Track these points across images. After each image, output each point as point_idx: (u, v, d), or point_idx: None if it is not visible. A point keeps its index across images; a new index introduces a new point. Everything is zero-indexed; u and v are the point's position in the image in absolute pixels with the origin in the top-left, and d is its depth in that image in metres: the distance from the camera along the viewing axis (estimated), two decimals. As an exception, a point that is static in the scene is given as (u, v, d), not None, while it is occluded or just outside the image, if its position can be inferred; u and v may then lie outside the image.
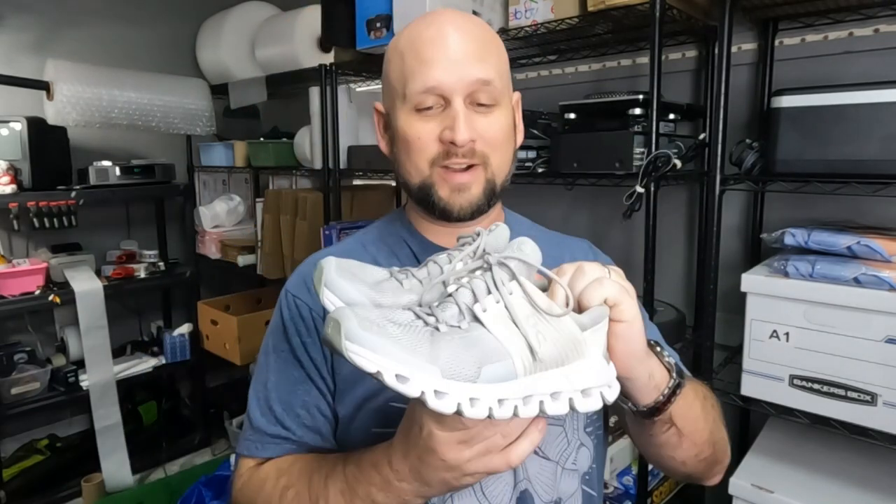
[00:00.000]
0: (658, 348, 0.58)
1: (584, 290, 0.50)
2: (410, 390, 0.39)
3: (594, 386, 0.46)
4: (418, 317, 0.45)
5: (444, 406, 0.40)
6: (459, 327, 0.44)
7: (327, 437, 0.70)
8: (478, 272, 0.47)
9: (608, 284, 0.50)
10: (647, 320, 0.78)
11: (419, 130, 0.67)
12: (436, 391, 0.40)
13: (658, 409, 0.57)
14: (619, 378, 0.51)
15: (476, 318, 0.45)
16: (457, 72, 0.65)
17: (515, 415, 0.43)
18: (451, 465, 0.48)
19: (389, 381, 0.39)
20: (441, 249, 0.72)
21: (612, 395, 0.47)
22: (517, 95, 0.75)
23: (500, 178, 0.70)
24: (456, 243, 0.57)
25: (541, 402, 0.44)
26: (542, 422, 0.49)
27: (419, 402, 0.40)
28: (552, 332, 0.45)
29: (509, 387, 0.43)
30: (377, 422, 0.67)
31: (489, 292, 0.46)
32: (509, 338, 0.44)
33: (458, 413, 0.41)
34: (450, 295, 0.46)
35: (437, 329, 0.44)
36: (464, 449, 0.47)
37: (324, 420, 0.70)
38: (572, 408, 0.45)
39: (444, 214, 0.69)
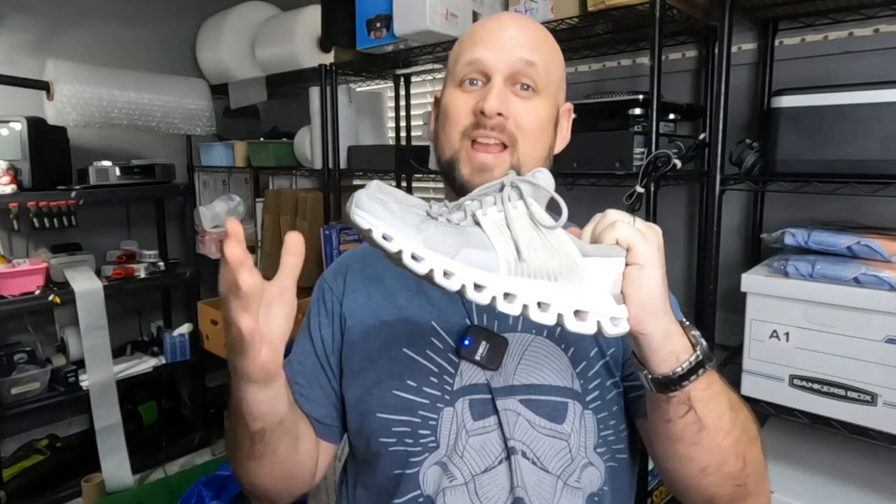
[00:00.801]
0: (685, 322, 0.56)
1: (601, 231, 0.52)
2: (390, 247, 0.46)
3: (590, 311, 0.48)
4: (428, 214, 0.49)
5: (419, 268, 0.46)
6: (458, 224, 0.49)
7: (321, 407, 0.75)
8: (492, 191, 0.51)
9: (622, 227, 0.51)
10: (674, 305, 0.73)
11: (458, 102, 0.69)
12: (413, 254, 0.46)
13: (675, 381, 0.52)
14: (632, 334, 0.52)
15: (476, 222, 0.49)
16: (503, 51, 0.67)
17: (493, 305, 0.47)
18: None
19: (377, 237, 0.46)
20: None
21: (612, 328, 0.49)
22: (569, 105, 0.78)
23: (528, 169, 0.66)
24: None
25: (525, 306, 0.47)
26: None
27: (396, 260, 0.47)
28: (548, 248, 0.49)
29: (488, 276, 0.47)
30: (382, 407, 0.69)
31: (495, 204, 0.50)
32: (499, 238, 0.48)
33: (430, 279, 0.46)
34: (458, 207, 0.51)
35: (436, 219, 0.49)
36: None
37: (322, 393, 0.75)
38: (560, 324, 0.48)
39: (463, 191, 0.67)
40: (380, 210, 0.46)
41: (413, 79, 2.10)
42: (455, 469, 0.66)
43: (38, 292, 1.95)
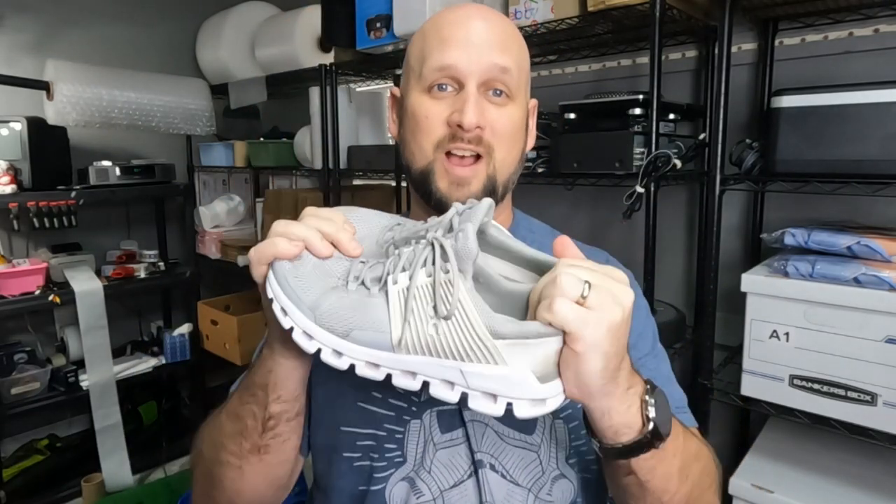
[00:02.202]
0: (647, 397, 0.49)
1: (538, 305, 0.44)
2: (284, 323, 0.49)
3: (504, 395, 0.44)
4: (351, 272, 0.50)
5: (308, 346, 0.48)
6: (368, 290, 0.49)
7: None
8: (423, 242, 0.49)
9: (560, 307, 0.42)
10: (661, 356, 0.73)
11: (428, 110, 0.65)
12: (305, 332, 0.48)
13: (613, 453, 0.50)
14: (575, 401, 0.47)
15: (386, 287, 0.48)
16: (475, 55, 0.64)
17: (389, 381, 0.47)
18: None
19: (277, 313, 0.49)
20: None
21: (530, 409, 0.44)
22: (534, 101, 0.75)
23: (503, 176, 0.68)
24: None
25: (427, 383, 0.46)
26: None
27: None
28: (452, 328, 0.45)
29: (381, 355, 0.47)
30: (346, 420, 0.67)
31: (407, 269, 0.48)
32: (398, 316, 0.47)
33: (320, 357, 0.48)
34: (394, 252, 0.51)
35: (346, 285, 0.49)
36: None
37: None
38: (464, 402, 0.45)
39: (439, 207, 0.66)
40: (284, 281, 0.49)
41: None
42: (423, 484, 0.63)
43: (38, 292, 1.95)
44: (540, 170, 1.46)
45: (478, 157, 0.65)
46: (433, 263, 0.47)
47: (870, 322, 0.95)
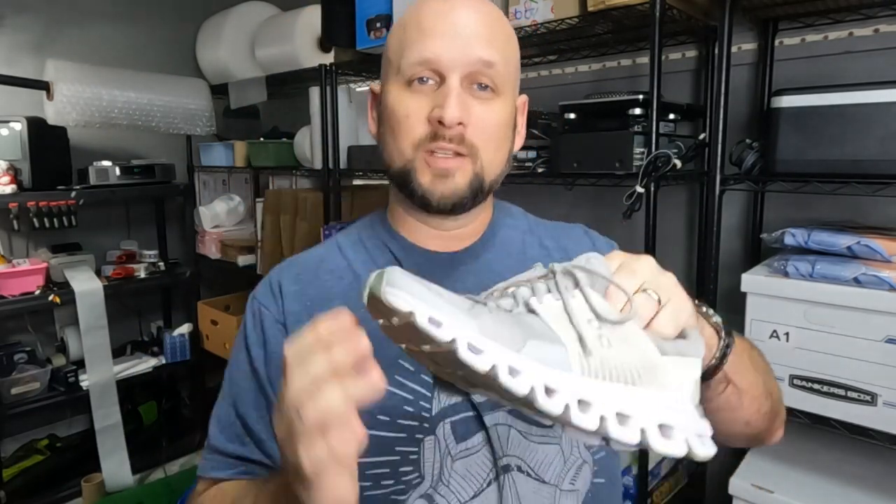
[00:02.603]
0: (703, 308, 0.52)
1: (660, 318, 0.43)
2: (440, 335, 0.35)
3: (677, 427, 0.38)
4: (471, 299, 0.40)
5: (478, 362, 0.35)
6: (509, 311, 0.40)
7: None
8: (541, 279, 0.43)
9: (641, 267, 0.43)
10: None
11: (408, 107, 0.61)
12: (470, 344, 0.35)
13: (712, 371, 0.51)
14: None
15: (530, 310, 0.40)
16: (458, 48, 0.59)
17: (566, 416, 0.36)
18: (285, 415, 0.39)
19: (421, 322, 0.35)
20: (425, 252, 0.68)
21: (701, 448, 0.38)
22: (524, 98, 0.71)
23: (491, 177, 0.64)
24: (441, 245, 0.56)
25: (602, 418, 0.37)
26: (369, 363, 0.39)
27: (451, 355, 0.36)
28: (619, 344, 0.39)
29: (561, 376, 0.37)
30: None
31: (549, 292, 0.41)
32: (563, 329, 0.39)
33: (491, 377, 0.35)
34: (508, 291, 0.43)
35: (485, 304, 0.40)
36: (279, 411, 0.40)
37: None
38: (645, 442, 0.37)
39: (423, 203, 0.63)
40: (420, 289, 0.36)
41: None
42: (442, 499, 0.60)
43: (38, 292, 1.95)
44: (540, 170, 1.46)
45: (459, 154, 0.62)
46: (575, 288, 0.41)
47: (870, 322, 0.95)
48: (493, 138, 0.63)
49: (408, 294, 0.36)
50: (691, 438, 0.38)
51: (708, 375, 0.52)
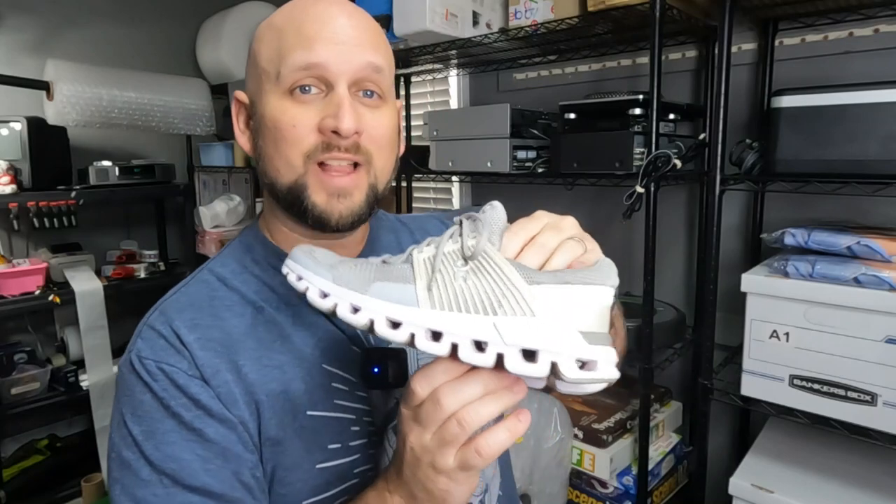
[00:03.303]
0: None
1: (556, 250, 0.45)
2: (299, 285, 0.44)
3: (542, 349, 0.39)
4: (348, 260, 0.47)
5: (325, 304, 0.43)
6: (388, 263, 0.45)
7: (264, 502, 0.57)
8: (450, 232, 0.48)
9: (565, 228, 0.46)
10: None
11: (294, 117, 0.57)
12: (321, 291, 0.43)
13: None
14: None
15: (411, 260, 0.45)
16: (344, 54, 0.57)
17: (412, 343, 0.41)
18: (418, 454, 0.44)
19: (292, 280, 0.45)
20: None
21: (576, 372, 0.40)
22: (400, 103, 0.68)
23: (382, 185, 0.62)
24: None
25: (454, 345, 0.40)
26: (525, 411, 0.43)
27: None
28: (478, 278, 0.42)
29: (403, 310, 0.41)
30: (306, 492, 0.58)
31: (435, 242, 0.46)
32: (423, 271, 0.43)
33: (336, 315, 0.42)
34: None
35: (365, 262, 0.46)
36: (421, 433, 0.44)
37: (258, 486, 0.56)
38: (502, 365, 0.40)
39: (321, 223, 0.59)
40: (301, 257, 0.46)
41: (413, 79, 2.10)
42: None
43: (38, 292, 1.95)
44: (540, 170, 1.46)
45: (355, 165, 0.59)
46: (460, 236, 0.45)
47: (870, 322, 0.95)
48: (386, 146, 0.61)
49: (292, 262, 0.46)
50: (563, 361, 0.39)
51: None
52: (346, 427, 0.59)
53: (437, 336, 0.41)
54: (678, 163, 1.18)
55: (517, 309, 0.40)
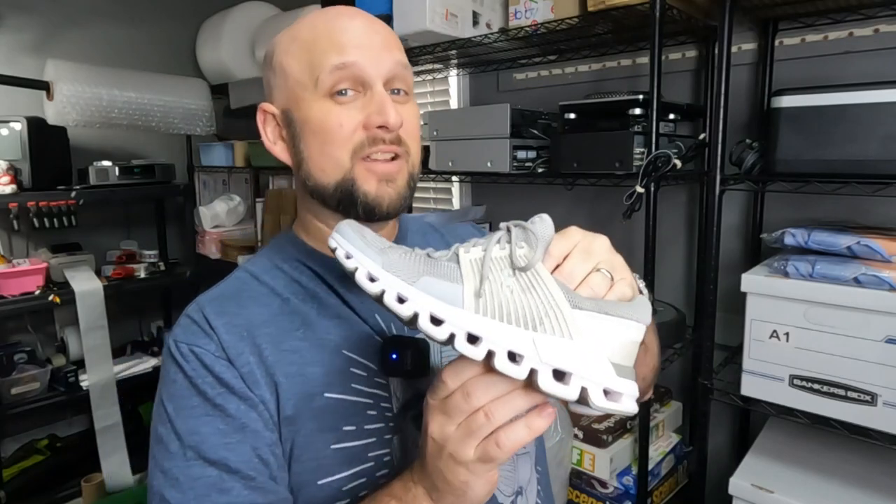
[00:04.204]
0: (638, 279, 0.55)
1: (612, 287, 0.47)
2: (348, 264, 0.45)
3: (574, 373, 0.41)
4: (395, 246, 0.47)
5: (372, 287, 0.43)
6: (434, 258, 0.46)
7: (284, 483, 0.59)
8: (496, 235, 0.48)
9: (594, 249, 0.47)
10: None
11: (339, 116, 0.60)
12: (369, 274, 0.44)
13: None
14: None
15: (457, 259, 0.45)
16: (375, 55, 0.61)
17: (451, 342, 0.42)
18: (440, 444, 0.46)
19: (340, 256, 0.45)
20: None
21: (604, 401, 0.41)
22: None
23: (417, 175, 0.67)
24: None
25: (490, 352, 0.41)
26: (547, 407, 0.44)
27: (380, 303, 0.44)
28: (524, 291, 0.43)
29: (448, 309, 0.42)
30: (321, 473, 0.59)
31: (483, 243, 0.46)
32: (471, 273, 0.44)
33: (382, 302, 0.43)
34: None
35: (412, 251, 0.46)
36: (445, 423, 0.45)
37: (276, 463, 0.58)
38: (534, 383, 0.41)
39: (371, 210, 0.62)
40: (351, 234, 0.46)
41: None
42: None
43: (38, 292, 1.95)
44: (540, 170, 1.46)
45: (394, 157, 0.63)
46: (508, 242, 0.45)
47: (870, 322, 0.95)
48: (417, 137, 0.66)
49: (340, 237, 0.46)
50: (592, 389, 0.40)
51: None
52: (362, 410, 0.61)
53: (474, 340, 0.41)
54: (678, 163, 1.18)
55: (557, 329, 0.41)
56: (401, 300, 0.43)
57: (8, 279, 1.91)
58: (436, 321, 0.42)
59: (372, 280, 0.44)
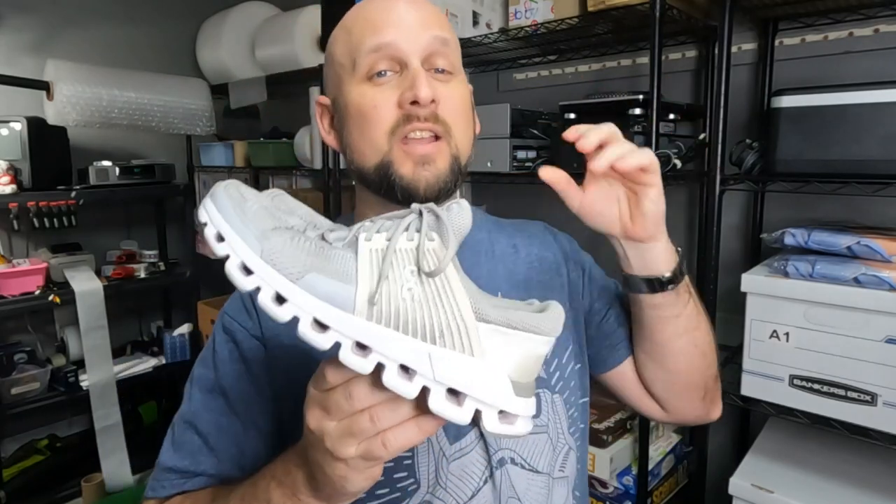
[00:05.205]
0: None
1: (623, 157, 0.54)
2: (218, 250, 0.37)
3: (472, 395, 0.36)
4: (307, 227, 0.40)
5: (245, 283, 0.36)
6: (329, 243, 0.39)
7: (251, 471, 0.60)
8: (407, 217, 0.41)
9: (642, 152, 0.54)
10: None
11: (374, 97, 0.59)
12: (243, 264, 0.36)
13: (678, 275, 0.61)
14: (643, 243, 0.58)
15: (355, 246, 0.39)
16: (412, 32, 0.59)
17: (335, 352, 0.36)
18: (317, 437, 0.41)
19: (209, 236, 0.37)
20: None
21: (496, 425, 0.37)
22: (471, 87, 0.69)
23: (464, 158, 0.63)
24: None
25: (380, 365, 0.36)
26: (433, 421, 0.39)
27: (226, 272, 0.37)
28: (427, 298, 0.37)
29: (335, 314, 0.36)
30: None
31: (386, 231, 0.40)
32: (368, 272, 0.37)
33: (256, 301, 0.37)
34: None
35: (302, 233, 0.39)
36: (323, 418, 0.41)
37: (252, 454, 0.61)
38: (423, 400, 0.36)
39: (408, 193, 0.59)
40: (226, 203, 0.38)
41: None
42: (440, 503, 0.60)
43: (38, 292, 1.95)
44: (540, 170, 1.45)
45: (436, 137, 0.60)
46: (417, 230, 0.39)
47: (870, 322, 0.95)
48: (461, 115, 0.63)
49: (212, 206, 0.38)
50: (486, 410, 0.37)
51: (675, 280, 0.61)
52: None
53: (363, 349, 0.36)
54: (678, 163, 1.18)
55: (458, 343, 0.37)
56: (279, 299, 0.36)
57: (8, 279, 1.91)
58: (320, 326, 0.37)
59: (247, 272, 0.36)
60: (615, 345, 0.73)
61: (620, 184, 0.58)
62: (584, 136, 0.55)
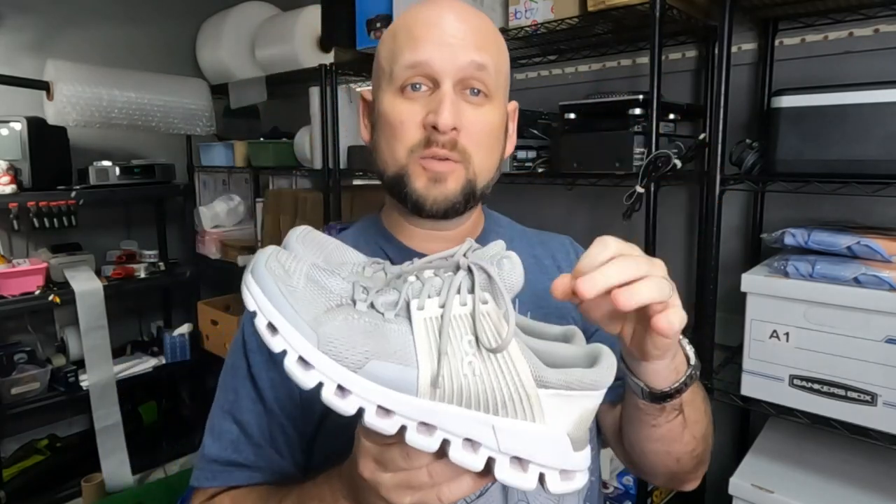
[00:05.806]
0: (681, 336, 0.53)
1: (619, 293, 0.42)
2: (274, 346, 0.36)
3: (536, 462, 0.37)
4: (355, 291, 0.39)
5: (306, 379, 0.35)
6: (382, 314, 0.38)
7: (288, 458, 0.63)
8: (442, 270, 0.40)
9: (647, 286, 0.42)
10: None
11: (402, 112, 0.61)
12: (301, 358, 0.35)
13: (672, 393, 0.53)
14: (644, 362, 0.49)
15: (408, 315, 0.38)
16: (449, 53, 0.60)
17: (401, 435, 0.36)
18: (371, 485, 0.42)
19: (261, 327, 0.36)
20: (420, 255, 0.67)
21: (559, 484, 0.38)
22: (514, 104, 0.71)
23: (482, 182, 0.64)
24: (436, 248, 0.52)
25: (446, 441, 0.36)
26: (489, 475, 0.39)
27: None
28: (487, 371, 0.37)
29: (400, 398, 0.36)
30: (335, 445, 0.60)
31: (438, 295, 0.38)
32: (427, 349, 0.37)
33: (319, 394, 0.36)
34: (398, 278, 0.40)
35: (353, 303, 0.38)
36: (377, 470, 0.41)
37: (284, 440, 0.63)
38: (490, 471, 0.37)
39: (417, 208, 0.63)
40: (273, 286, 0.36)
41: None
42: None
43: (38, 292, 1.95)
44: (540, 170, 1.46)
45: (455, 161, 0.62)
46: (470, 292, 0.38)
47: (870, 322, 0.95)
48: (485, 143, 0.63)
49: (256, 287, 0.36)
50: (549, 473, 0.37)
51: (667, 397, 0.53)
52: None
53: (428, 426, 0.36)
54: (678, 163, 1.17)
55: (519, 412, 0.37)
56: (342, 391, 0.36)
57: (8, 279, 1.91)
58: (385, 412, 0.36)
59: (306, 367, 0.35)
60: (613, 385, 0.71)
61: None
62: (584, 287, 0.42)
